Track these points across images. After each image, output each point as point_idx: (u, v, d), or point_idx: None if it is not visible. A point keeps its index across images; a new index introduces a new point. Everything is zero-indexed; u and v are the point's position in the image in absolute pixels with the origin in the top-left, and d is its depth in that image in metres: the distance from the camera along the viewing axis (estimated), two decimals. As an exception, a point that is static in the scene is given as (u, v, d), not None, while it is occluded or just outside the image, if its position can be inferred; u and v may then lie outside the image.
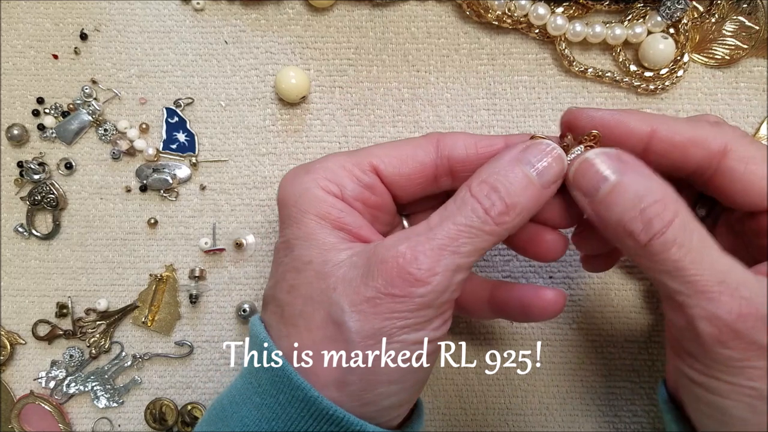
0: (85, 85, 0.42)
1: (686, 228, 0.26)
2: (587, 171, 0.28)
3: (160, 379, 0.42)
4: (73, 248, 0.42)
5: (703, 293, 0.26)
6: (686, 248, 0.26)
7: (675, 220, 0.26)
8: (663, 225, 0.26)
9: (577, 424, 0.41)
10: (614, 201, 0.27)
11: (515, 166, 0.28)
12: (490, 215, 0.28)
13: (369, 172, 0.31)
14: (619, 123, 0.29)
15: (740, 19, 0.41)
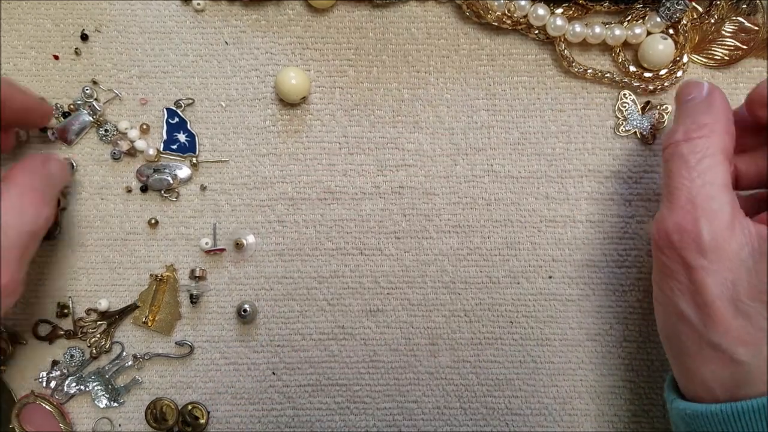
0: (86, 86, 0.43)
1: (714, 159, 0.32)
2: (685, 86, 0.35)
3: (160, 379, 0.42)
4: (73, 248, 0.42)
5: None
6: (697, 170, 0.32)
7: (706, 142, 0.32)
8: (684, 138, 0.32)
9: (576, 424, 0.41)
10: (680, 117, 0.33)
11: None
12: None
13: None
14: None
15: (739, 19, 0.41)
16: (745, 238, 0.31)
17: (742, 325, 0.30)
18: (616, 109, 0.42)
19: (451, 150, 0.42)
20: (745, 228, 0.31)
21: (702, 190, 0.31)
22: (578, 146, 0.42)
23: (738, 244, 0.30)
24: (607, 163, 0.42)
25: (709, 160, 0.32)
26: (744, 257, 0.30)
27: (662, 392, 0.40)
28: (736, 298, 0.30)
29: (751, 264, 0.30)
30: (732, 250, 0.30)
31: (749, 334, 0.30)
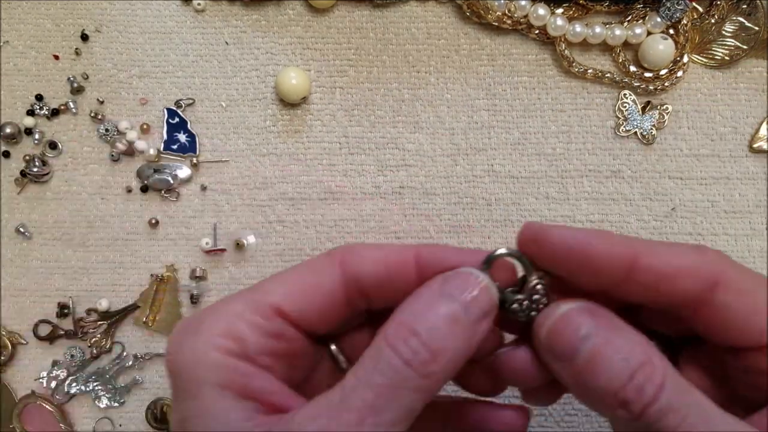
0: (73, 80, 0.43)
1: (678, 388, 0.22)
2: (561, 332, 0.24)
3: (161, 379, 0.42)
4: (74, 248, 0.42)
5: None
6: (684, 412, 0.22)
7: (666, 381, 0.22)
8: (655, 389, 0.22)
9: (577, 424, 0.41)
10: (600, 366, 0.22)
11: (436, 302, 0.23)
12: (412, 367, 0.22)
13: (272, 317, 0.25)
14: (597, 248, 0.24)
15: (740, 19, 0.41)
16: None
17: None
18: (616, 109, 0.42)
19: (452, 150, 0.42)
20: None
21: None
22: (578, 146, 0.42)
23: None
24: (607, 163, 0.42)
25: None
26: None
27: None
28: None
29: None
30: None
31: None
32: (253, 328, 0.24)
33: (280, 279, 0.26)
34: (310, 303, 0.25)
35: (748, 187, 0.41)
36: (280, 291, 0.25)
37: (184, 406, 0.24)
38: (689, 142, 0.42)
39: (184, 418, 0.24)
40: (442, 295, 0.24)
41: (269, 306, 0.25)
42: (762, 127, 0.41)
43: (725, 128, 0.42)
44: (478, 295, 0.24)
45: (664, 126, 0.42)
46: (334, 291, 0.25)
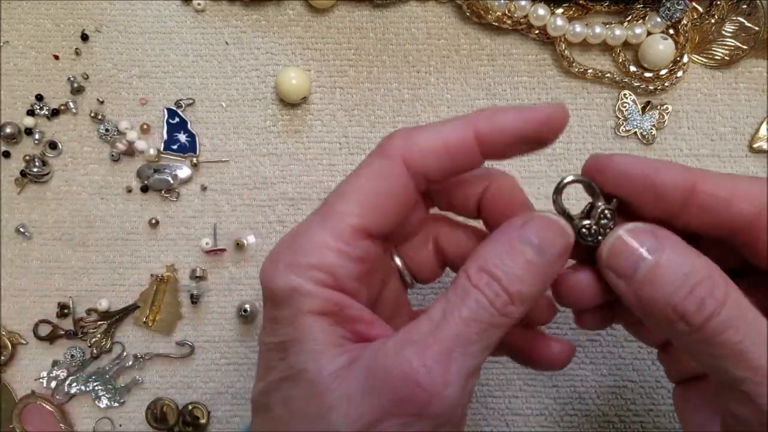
0: (73, 80, 0.43)
1: (740, 306, 0.23)
2: (622, 250, 0.25)
3: (161, 379, 0.42)
4: (74, 248, 0.42)
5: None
6: (744, 329, 0.23)
7: (728, 298, 0.23)
8: (717, 304, 0.23)
9: (577, 425, 0.41)
10: (659, 281, 0.23)
11: (514, 247, 0.25)
12: (495, 307, 0.24)
13: (356, 240, 0.26)
14: (658, 174, 0.25)
15: (740, 20, 0.41)
16: None
17: None
18: (616, 109, 0.42)
19: (452, 150, 0.42)
20: None
21: None
22: (579, 146, 0.42)
23: None
24: (607, 163, 0.42)
25: None
26: None
27: (663, 391, 0.40)
28: None
29: None
30: None
31: None
32: (342, 256, 0.25)
33: (352, 195, 0.26)
34: (387, 214, 0.26)
35: (748, 187, 0.41)
36: (356, 210, 0.26)
37: (283, 331, 0.25)
38: (689, 142, 0.42)
39: (283, 342, 0.25)
40: (520, 240, 0.25)
41: (350, 229, 0.25)
42: (762, 127, 0.41)
43: (725, 128, 0.42)
44: (554, 239, 0.25)
45: (664, 126, 0.42)
46: (407, 194, 0.26)
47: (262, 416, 0.26)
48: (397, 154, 0.26)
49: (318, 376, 0.24)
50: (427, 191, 0.28)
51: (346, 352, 0.24)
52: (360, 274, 0.26)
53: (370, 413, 0.23)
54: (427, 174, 0.26)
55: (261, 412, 0.27)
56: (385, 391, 0.23)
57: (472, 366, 0.23)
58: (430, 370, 0.22)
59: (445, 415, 0.23)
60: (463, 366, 0.23)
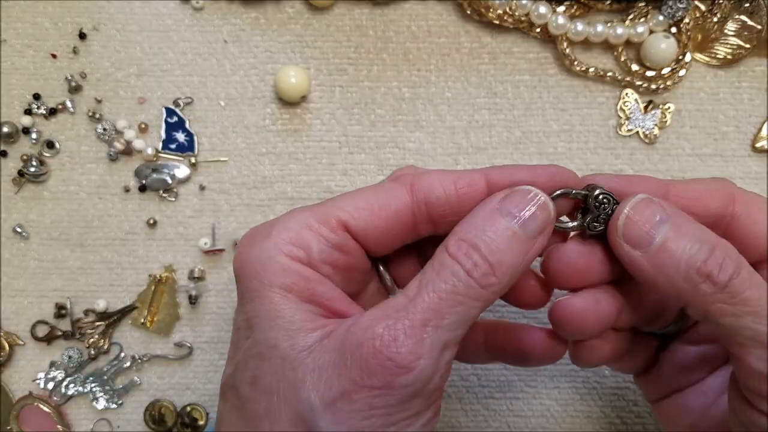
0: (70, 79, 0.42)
1: (750, 268, 0.24)
2: (636, 221, 0.25)
3: (159, 381, 0.42)
4: (71, 248, 0.42)
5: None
6: (762, 286, 0.24)
7: (741, 259, 0.24)
8: (736, 264, 0.24)
9: (578, 425, 0.40)
10: (677, 246, 0.24)
11: (495, 218, 0.25)
12: (473, 277, 0.24)
13: (338, 230, 0.26)
14: (633, 187, 0.26)
15: (742, 18, 0.41)
16: None
17: None
18: (618, 108, 0.42)
19: (453, 149, 0.42)
20: None
21: None
22: (580, 145, 0.42)
23: None
24: (609, 163, 0.41)
25: None
26: None
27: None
28: None
29: None
30: None
31: None
32: (319, 237, 0.26)
33: (350, 196, 0.27)
34: (376, 222, 0.26)
35: (751, 187, 0.41)
36: (348, 207, 0.26)
37: (249, 307, 0.25)
38: (692, 141, 0.41)
39: (249, 318, 0.25)
40: (501, 212, 0.25)
41: (336, 219, 0.26)
42: (764, 127, 0.41)
43: (728, 127, 0.41)
44: (535, 212, 0.25)
45: (667, 125, 0.41)
46: (401, 212, 0.27)
47: (229, 400, 0.26)
48: (407, 180, 0.27)
49: (290, 352, 0.24)
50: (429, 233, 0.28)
51: (319, 328, 0.25)
52: (336, 262, 0.26)
53: (340, 385, 0.23)
54: (429, 201, 0.26)
55: (228, 396, 0.26)
56: (355, 364, 0.23)
57: (446, 339, 0.23)
58: (401, 344, 0.23)
59: (417, 387, 0.23)
60: (437, 340, 0.23)
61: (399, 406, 0.23)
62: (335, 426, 0.23)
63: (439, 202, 0.26)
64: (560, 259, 0.27)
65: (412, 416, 0.24)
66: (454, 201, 0.26)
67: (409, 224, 0.27)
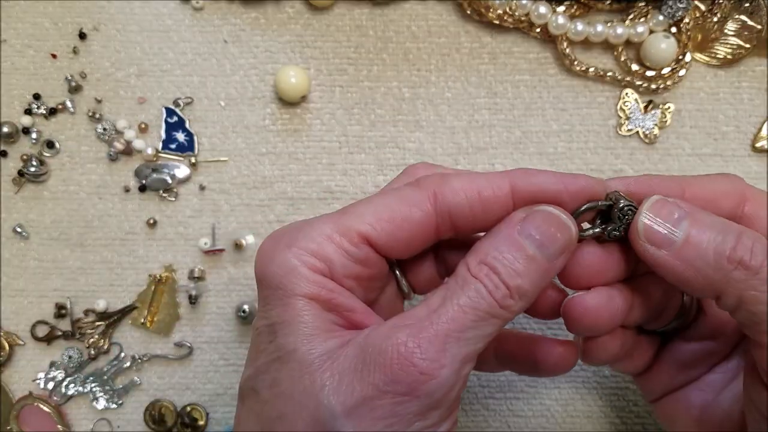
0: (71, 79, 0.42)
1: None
2: (655, 222, 0.25)
3: (159, 381, 0.42)
4: (71, 248, 0.42)
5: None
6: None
7: (764, 242, 0.24)
8: (763, 247, 0.24)
9: (578, 426, 0.40)
10: (701, 238, 0.24)
11: (515, 241, 0.25)
12: (495, 298, 0.24)
13: (360, 243, 0.26)
14: (652, 190, 0.26)
15: (742, 18, 0.41)
16: None
17: None
18: (618, 108, 0.42)
19: (453, 149, 0.42)
20: None
21: None
22: (580, 145, 0.42)
23: None
24: (609, 163, 0.41)
25: None
26: None
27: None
28: None
29: None
30: None
31: None
32: (341, 252, 0.26)
33: (372, 206, 0.27)
34: (398, 233, 0.26)
35: (751, 187, 0.41)
36: (369, 219, 0.26)
37: (273, 313, 0.25)
38: (692, 141, 0.41)
39: (272, 324, 0.25)
40: (521, 234, 0.25)
41: (358, 233, 0.26)
42: (764, 127, 0.41)
43: (728, 127, 0.41)
44: (556, 234, 0.25)
45: (667, 125, 0.41)
46: (424, 223, 0.26)
47: (248, 402, 0.26)
48: (430, 188, 0.26)
49: (308, 356, 0.24)
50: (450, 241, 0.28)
51: (338, 336, 0.25)
52: (357, 275, 0.26)
53: (362, 391, 0.23)
54: (452, 211, 0.26)
55: (247, 398, 0.26)
56: (378, 370, 0.23)
57: (467, 353, 0.24)
58: (425, 351, 0.23)
59: (438, 397, 0.23)
60: (458, 352, 0.23)
61: (420, 415, 0.23)
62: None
63: (463, 213, 0.26)
64: (577, 261, 0.27)
65: (431, 426, 0.24)
66: (479, 212, 0.26)
67: (431, 233, 0.27)
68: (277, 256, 0.26)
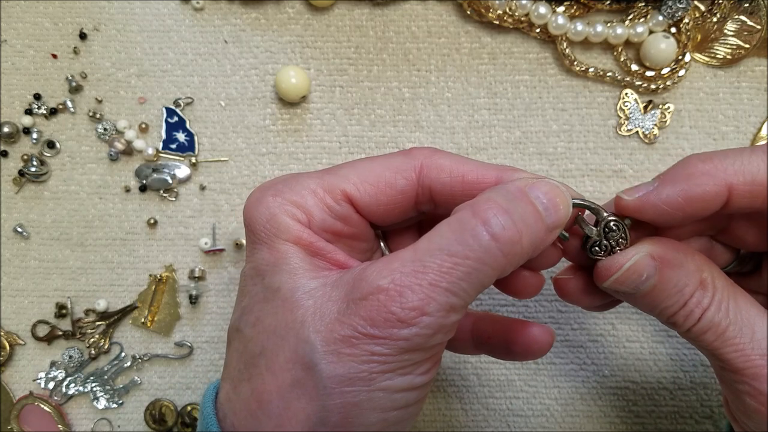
0: (71, 79, 0.42)
1: (721, 308, 0.26)
2: (630, 276, 0.26)
3: (159, 380, 0.42)
4: (72, 248, 0.42)
5: (743, 371, 0.25)
6: (721, 328, 0.26)
7: (711, 305, 0.26)
8: (701, 311, 0.26)
9: (578, 425, 0.40)
10: (657, 297, 0.26)
11: (524, 196, 0.25)
12: (498, 242, 0.23)
13: (342, 201, 0.27)
14: (693, 201, 0.26)
15: (742, 18, 0.41)
16: None
17: None
18: (617, 108, 0.42)
19: (453, 149, 0.42)
20: None
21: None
22: (580, 145, 0.42)
23: None
24: (609, 163, 0.41)
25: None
26: None
27: (665, 392, 0.40)
28: None
29: None
30: None
31: None
32: (322, 206, 0.27)
33: (358, 167, 0.28)
34: (380, 197, 0.27)
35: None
36: (354, 179, 0.27)
37: (258, 256, 0.27)
38: (691, 141, 0.41)
39: (257, 266, 0.26)
40: (531, 194, 0.25)
41: (341, 190, 0.27)
42: (764, 127, 0.41)
43: (727, 127, 0.41)
44: (559, 205, 0.25)
45: (666, 125, 0.41)
46: (405, 191, 0.27)
47: (233, 344, 0.27)
48: (418, 158, 0.27)
49: (292, 294, 0.25)
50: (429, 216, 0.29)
51: (322, 276, 0.26)
52: (337, 231, 0.27)
53: (342, 330, 0.23)
54: (433, 189, 0.27)
55: (233, 339, 0.27)
56: (358, 314, 0.23)
57: (454, 303, 0.23)
58: (406, 299, 0.23)
59: (417, 342, 0.23)
60: (444, 301, 0.23)
61: (398, 356, 0.23)
62: (335, 367, 0.23)
63: (443, 190, 0.27)
64: (566, 291, 0.29)
65: (411, 365, 0.24)
66: (459, 192, 0.27)
67: (411, 203, 0.28)
68: (261, 203, 0.27)
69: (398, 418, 0.25)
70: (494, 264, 0.24)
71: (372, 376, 0.23)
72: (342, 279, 0.25)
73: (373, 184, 0.27)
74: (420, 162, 0.27)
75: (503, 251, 0.24)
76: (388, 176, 0.27)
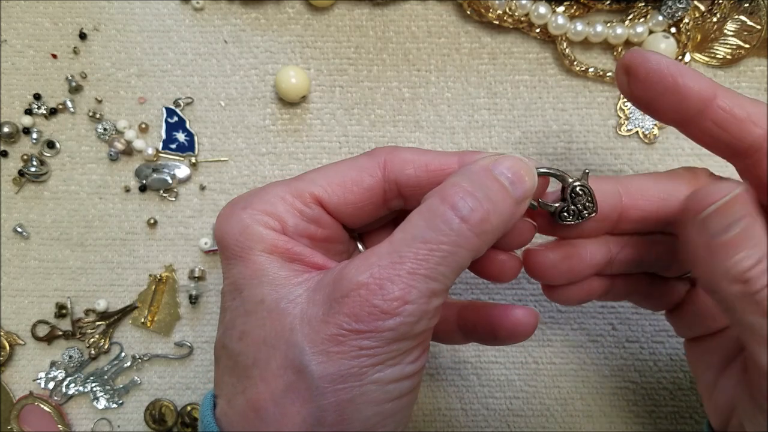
0: (71, 79, 0.42)
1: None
2: (726, 211, 0.24)
3: (159, 380, 0.42)
4: (72, 248, 0.42)
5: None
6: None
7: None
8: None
9: (578, 425, 0.40)
10: (738, 245, 0.23)
11: (488, 173, 0.25)
12: (468, 223, 0.24)
13: (312, 204, 0.28)
14: (683, 78, 0.26)
15: (742, 18, 0.41)
16: None
17: None
18: (617, 108, 0.42)
19: (453, 149, 0.42)
20: None
21: None
22: (580, 146, 0.42)
23: None
24: (609, 163, 0.41)
25: None
26: None
27: (665, 392, 0.40)
28: None
29: None
30: None
31: None
32: (293, 211, 0.27)
33: (325, 170, 0.29)
34: (349, 196, 0.28)
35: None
36: (321, 181, 0.28)
37: (235, 270, 0.27)
38: (691, 141, 0.41)
39: (235, 281, 0.27)
40: (494, 171, 0.26)
41: (310, 194, 0.28)
42: (764, 127, 0.41)
43: (727, 127, 0.41)
44: (524, 177, 0.26)
45: (666, 125, 0.41)
46: (372, 188, 0.28)
47: (222, 361, 0.27)
48: (381, 155, 0.28)
49: (276, 304, 0.25)
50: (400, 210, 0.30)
51: (304, 282, 0.26)
52: (313, 234, 0.28)
53: (328, 331, 0.24)
54: (399, 181, 0.28)
55: (220, 357, 0.27)
56: (341, 312, 0.24)
57: (434, 288, 0.24)
58: (386, 291, 0.23)
59: (403, 331, 0.24)
60: (425, 288, 0.24)
61: (386, 347, 0.24)
62: (325, 366, 0.24)
63: (409, 182, 0.28)
64: (539, 264, 0.29)
65: (400, 355, 0.25)
66: (424, 182, 0.28)
67: (380, 200, 0.29)
68: (232, 217, 0.27)
69: (394, 409, 0.25)
70: (468, 245, 0.24)
71: (363, 370, 0.24)
72: (322, 281, 0.25)
73: (339, 184, 0.28)
74: (383, 158, 0.28)
75: (475, 232, 0.24)
76: (354, 175, 0.28)
